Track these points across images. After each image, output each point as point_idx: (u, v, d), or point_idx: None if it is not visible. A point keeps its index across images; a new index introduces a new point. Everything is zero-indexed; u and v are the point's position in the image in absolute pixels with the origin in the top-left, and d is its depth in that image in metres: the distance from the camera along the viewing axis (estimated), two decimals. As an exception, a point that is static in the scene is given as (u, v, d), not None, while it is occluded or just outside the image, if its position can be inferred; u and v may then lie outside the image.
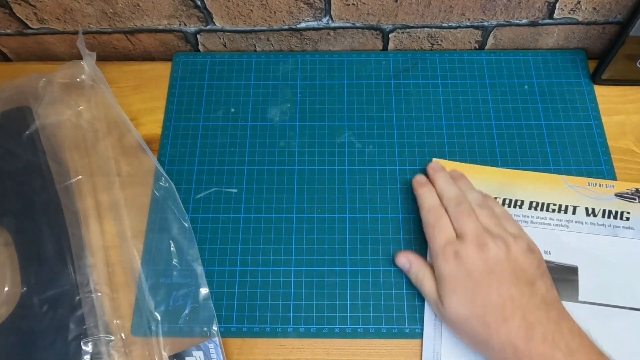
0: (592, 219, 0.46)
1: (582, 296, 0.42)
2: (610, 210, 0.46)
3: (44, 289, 0.43)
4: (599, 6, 0.51)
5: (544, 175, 0.48)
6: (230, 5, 0.51)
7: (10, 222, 0.46)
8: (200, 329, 0.43)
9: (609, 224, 0.45)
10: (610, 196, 0.47)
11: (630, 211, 0.46)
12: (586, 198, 0.47)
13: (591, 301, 0.42)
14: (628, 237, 0.45)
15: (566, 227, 0.45)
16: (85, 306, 0.43)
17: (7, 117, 0.50)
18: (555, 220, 0.46)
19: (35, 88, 0.51)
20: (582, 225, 0.45)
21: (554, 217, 0.46)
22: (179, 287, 0.45)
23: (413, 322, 0.43)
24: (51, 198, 0.47)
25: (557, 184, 0.47)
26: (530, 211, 0.46)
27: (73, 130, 0.50)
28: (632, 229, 0.45)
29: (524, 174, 0.48)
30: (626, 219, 0.45)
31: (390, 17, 0.53)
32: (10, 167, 0.48)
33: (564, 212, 0.46)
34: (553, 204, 0.46)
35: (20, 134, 0.49)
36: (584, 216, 0.46)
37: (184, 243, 0.46)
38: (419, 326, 0.43)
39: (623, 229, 0.45)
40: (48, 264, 0.44)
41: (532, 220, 0.46)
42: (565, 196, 0.47)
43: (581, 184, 0.47)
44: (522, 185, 0.47)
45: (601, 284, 0.43)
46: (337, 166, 0.50)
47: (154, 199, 0.48)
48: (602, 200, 0.46)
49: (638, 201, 0.46)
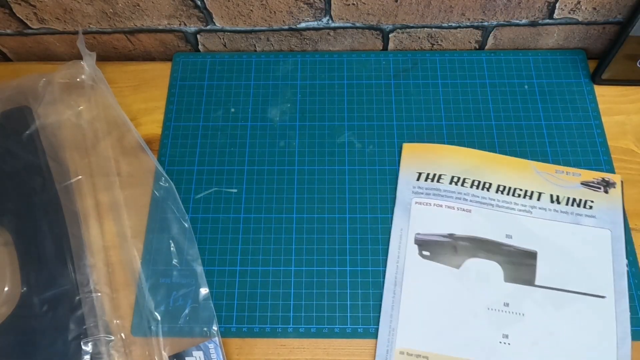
0: (556, 206, 0.47)
1: (538, 280, 0.44)
2: (575, 198, 0.47)
3: (44, 289, 0.43)
4: (599, 6, 0.51)
5: (515, 159, 0.49)
6: (230, 5, 0.51)
7: (10, 222, 0.46)
8: (200, 329, 0.43)
9: (571, 212, 0.46)
10: (576, 184, 0.48)
11: (594, 200, 0.47)
12: (552, 185, 0.48)
13: (547, 286, 0.43)
14: (589, 225, 0.46)
15: (529, 212, 0.46)
16: (85, 306, 0.43)
17: (7, 117, 0.50)
18: (520, 205, 0.47)
19: (35, 88, 0.51)
20: (545, 211, 0.47)
21: (518, 202, 0.47)
22: (179, 287, 0.45)
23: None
24: (51, 198, 0.47)
25: (526, 169, 0.48)
26: (497, 194, 0.47)
27: (73, 130, 0.50)
28: (594, 217, 0.46)
29: (496, 157, 0.49)
30: (589, 208, 0.47)
31: (390, 17, 0.53)
32: (11, 167, 0.48)
33: (529, 197, 0.47)
34: (519, 189, 0.47)
35: (20, 134, 0.49)
36: (548, 203, 0.47)
37: (184, 243, 0.46)
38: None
39: (585, 217, 0.46)
40: (48, 264, 0.44)
41: (498, 204, 0.47)
42: (532, 182, 0.48)
43: (549, 170, 0.48)
44: (493, 168, 0.48)
45: (558, 270, 0.44)
46: (337, 166, 0.50)
47: (154, 199, 0.48)
48: (567, 188, 0.47)
49: (602, 191, 0.47)
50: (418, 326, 0.42)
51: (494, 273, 0.44)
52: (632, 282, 0.44)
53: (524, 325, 0.42)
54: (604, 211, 0.46)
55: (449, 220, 0.46)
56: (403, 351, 0.42)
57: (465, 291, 0.43)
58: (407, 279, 0.44)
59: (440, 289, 0.43)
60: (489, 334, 0.42)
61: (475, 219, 0.46)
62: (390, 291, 0.44)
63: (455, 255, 0.45)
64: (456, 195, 0.47)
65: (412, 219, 0.46)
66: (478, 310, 0.43)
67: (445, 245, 0.45)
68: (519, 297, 0.43)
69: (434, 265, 0.44)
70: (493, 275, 0.44)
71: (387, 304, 0.43)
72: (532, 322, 0.42)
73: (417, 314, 0.43)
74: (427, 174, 0.48)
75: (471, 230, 0.45)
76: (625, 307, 0.42)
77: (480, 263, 0.44)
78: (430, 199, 0.47)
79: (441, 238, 0.45)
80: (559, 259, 0.44)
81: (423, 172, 0.48)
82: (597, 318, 0.42)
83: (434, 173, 0.48)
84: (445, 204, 0.47)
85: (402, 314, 0.43)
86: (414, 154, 0.49)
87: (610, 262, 0.44)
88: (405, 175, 0.48)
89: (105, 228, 0.47)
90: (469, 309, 0.43)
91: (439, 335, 0.42)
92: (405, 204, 0.47)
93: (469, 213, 0.46)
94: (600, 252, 0.45)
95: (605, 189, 0.47)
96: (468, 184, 0.47)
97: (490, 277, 0.44)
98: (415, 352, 0.42)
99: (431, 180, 0.48)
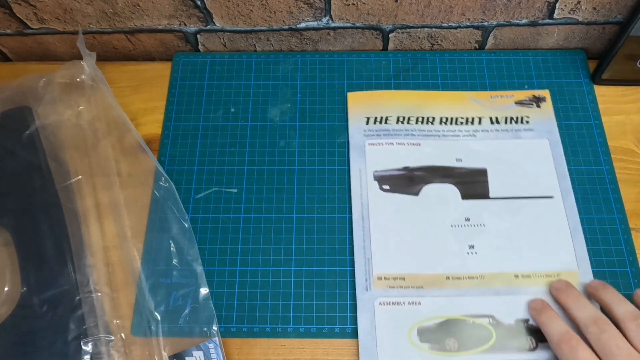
0: (496, 126, 0.51)
1: (492, 193, 0.48)
2: (512, 117, 0.51)
3: (44, 289, 0.43)
4: (599, 6, 0.51)
5: (453, 93, 0.53)
6: (230, 5, 0.51)
7: (10, 222, 0.46)
8: (200, 329, 0.43)
9: (511, 129, 0.51)
10: (511, 105, 0.52)
11: (530, 115, 0.51)
12: (490, 109, 0.52)
13: (501, 196, 0.48)
14: (529, 137, 0.50)
15: (474, 136, 0.51)
16: (85, 306, 0.43)
17: (7, 117, 0.50)
18: (464, 131, 0.51)
19: (36, 88, 0.51)
20: (487, 133, 0.51)
21: (462, 128, 0.51)
22: (179, 287, 0.45)
23: (413, 322, 0.43)
24: (51, 198, 0.47)
25: (464, 100, 0.53)
26: (441, 126, 0.51)
27: (73, 130, 0.50)
28: (531, 130, 0.51)
29: (435, 94, 0.53)
30: (526, 122, 0.51)
31: (390, 17, 0.53)
32: (11, 167, 0.48)
33: (471, 123, 0.51)
34: (461, 118, 0.52)
35: (20, 134, 0.49)
36: (489, 125, 0.51)
37: (184, 243, 0.46)
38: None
39: (524, 132, 0.51)
40: (48, 263, 0.44)
41: (444, 134, 0.51)
42: (472, 110, 0.52)
43: (485, 97, 0.53)
44: (434, 104, 0.52)
45: (508, 181, 0.48)
46: (337, 166, 0.50)
47: (154, 198, 0.48)
48: (504, 109, 0.52)
49: (535, 106, 0.52)
50: (390, 252, 0.45)
51: (451, 193, 0.48)
52: (632, 283, 0.44)
53: (486, 235, 0.46)
54: (540, 123, 0.51)
55: (402, 155, 0.50)
56: (381, 276, 0.44)
57: (428, 214, 0.47)
58: (372, 212, 0.47)
59: (404, 216, 0.47)
60: (456, 247, 0.46)
61: (425, 150, 0.50)
62: (359, 226, 0.47)
63: (413, 184, 0.48)
64: (404, 133, 0.51)
65: (367, 159, 0.50)
66: (442, 229, 0.46)
67: (402, 178, 0.49)
68: (478, 211, 0.47)
69: (395, 196, 0.48)
70: (450, 196, 0.48)
71: (358, 238, 0.46)
72: (492, 230, 0.46)
73: (388, 241, 0.46)
74: (374, 117, 0.52)
75: (423, 160, 0.49)
76: (572, 202, 0.47)
77: (437, 187, 0.48)
78: (382, 139, 0.50)
79: (397, 172, 0.49)
80: (507, 171, 0.49)
81: (371, 117, 0.52)
82: (550, 216, 0.46)
83: (381, 116, 0.52)
84: (396, 142, 0.50)
85: (373, 244, 0.46)
86: (360, 102, 0.53)
87: (552, 166, 0.49)
88: (355, 121, 0.52)
89: (105, 228, 0.47)
90: (434, 229, 0.46)
91: (411, 256, 0.45)
92: (359, 147, 0.50)
93: (418, 146, 0.50)
94: (542, 158, 0.49)
95: (538, 103, 0.52)
96: (413, 121, 0.51)
97: (448, 198, 0.48)
98: (392, 275, 0.45)
99: (379, 123, 0.51)
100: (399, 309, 0.43)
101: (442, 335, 0.42)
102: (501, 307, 0.43)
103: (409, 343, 0.42)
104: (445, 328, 0.42)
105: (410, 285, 0.44)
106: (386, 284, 0.44)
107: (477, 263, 0.45)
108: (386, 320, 0.43)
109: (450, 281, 0.44)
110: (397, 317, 0.43)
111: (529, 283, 0.44)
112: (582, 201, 0.47)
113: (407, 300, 0.44)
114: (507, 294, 0.43)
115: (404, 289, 0.44)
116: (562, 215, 0.46)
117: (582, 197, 0.47)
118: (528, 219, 0.46)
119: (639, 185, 0.48)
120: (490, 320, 0.42)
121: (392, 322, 0.43)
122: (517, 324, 0.42)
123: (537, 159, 0.49)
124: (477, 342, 0.42)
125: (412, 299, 0.44)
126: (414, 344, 0.42)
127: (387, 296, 0.44)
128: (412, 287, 0.44)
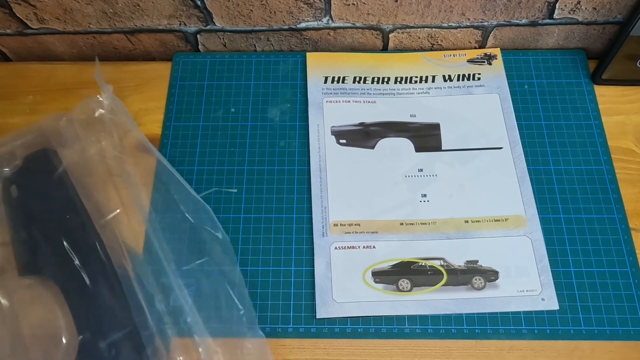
0: (449, 84, 0.54)
1: (445, 145, 0.50)
2: (464, 74, 0.54)
3: (100, 334, 0.41)
4: (599, 6, 0.51)
5: (407, 54, 0.56)
6: (230, 5, 0.51)
7: (54, 271, 0.44)
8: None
9: (463, 85, 0.53)
10: (463, 63, 0.55)
11: (481, 72, 0.54)
12: (443, 67, 0.55)
13: (453, 148, 0.50)
14: (480, 93, 0.53)
15: (427, 93, 0.53)
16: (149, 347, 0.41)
17: (32, 160, 0.48)
18: (418, 89, 0.53)
19: (57, 128, 0.49)
20: (440, 90, 0.53)
21: (416, 87, 0.54)
22: (179, 287, 0.44)
23: (413, 322, 0.43)
24: (92, 237, 0.45)
25: (418, 60, 0.55)
26: (396, 85, 0.54)
27: (99, 166, 0.48)
28: (483, 86, 0.53)
29: (390, 55, 0.56)
30: (478, 79, 0.54)
31: (390, 17, 0.53)
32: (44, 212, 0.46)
33: (425, 81, 0.54)
34: (415, 77, 0.54)
35: (49, 176, 0.47)
36: (442, 82, 0.54)
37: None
38: (419, 326, 0.43)
39: (475, 88, 0.53)
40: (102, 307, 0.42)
41: (398, 92, 0.53)
42: (425, 69, 0.55)
43: (438, 56, 0.56)
44: (389, 64, 0.55)
45: (460, 134, 0.51)
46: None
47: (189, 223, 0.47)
48: (457, 67, 0.54)
49: (487, 64, 0.54)
50: (346, 200, 0.48)
51: (405, 147, 0.50)
52: (632, 283, 0.44)
53: (438, 184, 0.48)
54: (491, 79, 0.54)
55: (358, 112, 0.52)
56: (337, 223, 0.47)
57: (383, 166, 0.49)
58: (330, 164, 0.50)
59: (360, 167, 0.49)
60: (410, 196, 0.48)
61: (380, 108, 0.52)
62: (317, 177, 0.49)
63: (368, 138, 0.51)
64: (360, 92, 0.53)
65: (325, 115, 0.52)
66: (397, 179, 0.49)
67: (358, 133, 0.51)
68: (431, 162, 0.49)
69: (352, 149, 0.50)
70: (405, 149, 0.50)
71: (315, 188, 0.49)
72: (444, 180, 0.49)
73: (344, 191, 0.48)
74: (332, 77, 0.54)
75: (379, 117, 0.52)
76: (520, 152, 0.50)
77: (392, 141, 0.51)
78: (339, 97, 0.53)
79: (353, 127, 0.51)
80: (459, 125, 0.51)
81: (329, 76, 0.54)
82: (499, 165, 0.49)
83: (338, 76, 0.54)
84: (353, 100, 0.53)
85: (330, 194, 0.48)
86: (319, 62, 0.55)
87: (502, 119, 0.51)
88: (314, 80, 0.54)
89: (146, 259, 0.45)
90: (389, 179, 0.49)
91: (366, 204, 0.48)
92: (318, 104, 0.53)
93: (374, 104, 0.52)
94: (492, 112, 0.52)
95: (489, 61, 0.54)
96: (369, 81, 0.54)
97: (402, 151, 0.50)
98: (347, 222, 0.47)
99: (337, 82, 0.54)
100: (354, 253, 0.46)
101: (396, 277, 0.44)
102: (452, 250, 0.45)
103: (364, 284, 0.44)
104: (398, 270, 0.45)
105: (365, 230, 0.46)
106: (342, 229, 0.47)
107: (429, 210, 0.47)
108: (342, 263, 0.45)
109: (404, 227, 0.47)
110: (352, 260, 0.45)
111: (479, 227, 0.46)
112: (531, 154, 0.50)
113: (362, 245, 0.46)
114: (457, 238, 0.46)
115: (359, 234, 0.46)
116: (510, 164, 0.49)
117: (531, 149, 0.50)
118: (478, 168, 0.49)
119: (639, 185, 0.48)
120: (442, 262, 0.45)
121: (347, 264, 0.45)
122: (468, 265, 0.45)
123: (487, 113, 0.52)
124: (428, 282, 0.44)
125: (366, 243, 0.46)
126: (369, 285, 0.44)
127: (343, 241, 0.46)
128: (367, 232, 0.46)
